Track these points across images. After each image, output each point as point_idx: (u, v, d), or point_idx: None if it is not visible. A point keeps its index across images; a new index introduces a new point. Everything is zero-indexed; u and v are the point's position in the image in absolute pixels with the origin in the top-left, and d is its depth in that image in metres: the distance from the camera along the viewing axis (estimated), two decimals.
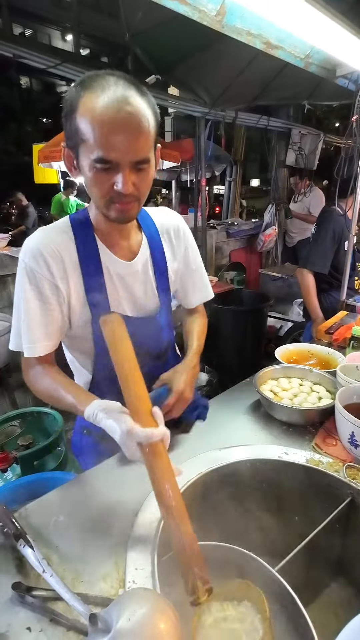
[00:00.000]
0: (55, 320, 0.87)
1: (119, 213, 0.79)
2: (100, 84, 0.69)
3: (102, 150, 0.69)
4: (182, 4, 1.04)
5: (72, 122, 0.72)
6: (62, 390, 0.81)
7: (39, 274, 0.83)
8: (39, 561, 0.61)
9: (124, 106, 0.68)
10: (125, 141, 0.70)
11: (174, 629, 0.47)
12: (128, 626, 0.44)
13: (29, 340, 0.85)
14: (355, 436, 0.88)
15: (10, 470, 1.69)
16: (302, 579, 0.70)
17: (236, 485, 0.87)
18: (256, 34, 1.28)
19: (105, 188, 0.75)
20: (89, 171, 0.74)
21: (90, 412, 0.72)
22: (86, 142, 0.71)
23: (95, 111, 0.68)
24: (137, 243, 0.95)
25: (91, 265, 0.87)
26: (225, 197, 6.14)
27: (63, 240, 0.85)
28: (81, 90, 0.70)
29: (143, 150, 0.73)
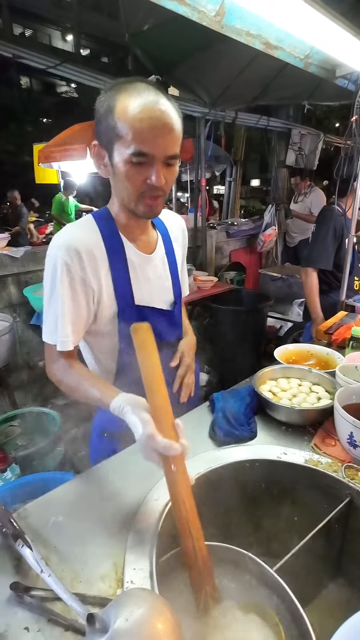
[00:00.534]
0: (82, 316, 0.90)
1: (147, 207, 0.85)
2: (134, 88, 0.78)
3: (139, 144, 0.76)
4: (181, 4, 1.04)
5: (109, 121, 0.78)
6: (87, 383, 0.84)
7: (73, 270, 0.86)
8: (37, 561, 0.61)
9: (158, 106, 0.76)
10: (160, 137, 0.77)
11: (172, 630, 0.47)
12: (126, 626, 0.44)
13: (62, 335, 0.88)
14: (354, 436, 0.88)
15: (10, 470, 1.69)
16: (300, 579, 0.70)
17: (235, 485, 0.87)
18: (255, 35, 1.28)
19: (139, 182, 0.81)
20: (123, 166, 0.80)
21: (116, 405, 0.74)
22: (123, 138, 0.77)
23: (133, 109, 0.76)
24: (154, 239, 1.02)
25: (118, 259, 0.92)
26: (225, 197, 6.15)
27: (92, 237, 0.90)
28: (116, 93, 0.78)
29: (174, 146, 0.80)
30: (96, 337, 0.99)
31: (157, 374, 0.67)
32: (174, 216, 1.12)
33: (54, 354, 0.91)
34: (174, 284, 1.06)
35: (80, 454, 2.56)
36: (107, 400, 0.76)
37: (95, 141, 0.84)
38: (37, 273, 2.94)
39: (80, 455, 2.54)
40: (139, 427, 0.66)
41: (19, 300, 2.85)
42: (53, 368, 0.92)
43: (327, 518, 0.77)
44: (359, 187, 1.98)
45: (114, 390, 0.79)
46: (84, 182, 6.63)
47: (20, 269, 2.82)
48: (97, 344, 1.01)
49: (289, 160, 4.84)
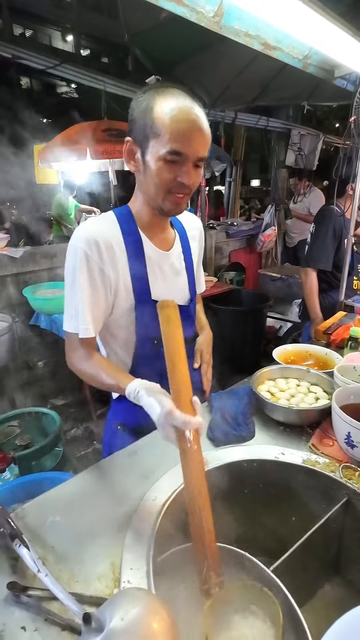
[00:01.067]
0: (101, 305, 0.94)
1: (173, 205, 0.90)
2: (172, 92, 0.83)
3: (175, 143, 0.81)
4: (179, 5, 1.04)
5: (146, 120, 0.83)
6: (104, 371, 0.88)
7: (91, 260, 0.89)
8: (34, 561, 0.61)
9: (194, 111, 0.82)
10: (194, 139, 0.83)
11: (168, 629, 0.47)
12: (121, 625, 0.44)
13: (83, 322, 0.91)
14: (352, 436, 0.88)
15: (9, 470, 1.69)
16: (297, 579, 0.70)
17: (232, 485, 0.87)
18: (254, 35, 1.29)
19: (169, 179, 0.85)
20: (155, 163, 0.84)
21: (132, 389, 0.77)
22: (160, 137, 0.82)
23: (172, 111, 0.81)
24: (172, 237, 1.06)
25: (136, 254, 0.95)
26: (225, 197, 6.14)
27: (112, 230, 0.94)
28: (155, 94, 0.83)
29: (205, 149, 0.86)
30: (112, 330, 1.01)
31: (180, 349, 0.70)
32: (191, 216, 1.16)
33: (74, 343, 0.94)
34: (189, 281, 1.09)
35: (78, 454, 2.57)
36: (124, 385, 0.80)
37: (128, 137, 0.89)
38: (37, 273, 2.94)
39: (79, 456, 2.54)
40: (157, 406, 0.69)
41: (18, 301, 2.85)
42: (73, 357, 0.95)
43: (324, 518, 0.77)
44: (358, 188, 1.98)
45: (129, 377, 0.83)
46: (84, 182, 6.64)
47: (19, 269, 2.83)
48: (113, 337, 1.03)
49: (289, 160, 4.84)
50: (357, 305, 2.08)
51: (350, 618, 0.38)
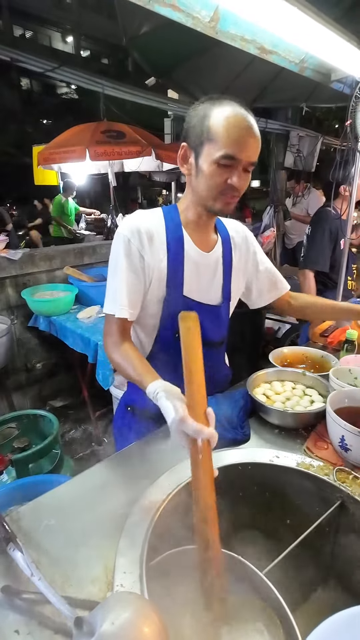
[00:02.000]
0: (139, 290, 0.99)
1: (223, 205, 0.95)
2: (227, 102, 0.89)
3: (229, 148, 0.87)
4: (175, 11, 1.05)
5: (203, 125, 0.89)
6: (131, 364, 0.92)
7: (133, 246, 0.96)
8: (27, 565, 0.62)
9: (248, 119, 0.88)
10: (247, 145, 0.88)
11: (158, 633, 0.47)
12: (112, 629, 0.45)
13: (120, 303, 0.97)
14: (346, 440, 0.88)
15: (6, 472, 1.70)
16: (290, 582, 0.71)
17: (227, 488, 0.88)
18: (250, 40, 1.29)
19: (221, 181, 0.91)
20: (209, 166, 0.90)
21: (152, 389, 0.79)
22: (215, 142, 0.88)
23: (228, 118, 0.87)
24: (214, 241, 1.09)
25: (176, 249, 1.00)
26: None
27: (156, 223, 1.00)
28: (212, 104, 0.90)
29: (256, 155, 0.91)
30: (141, 316, 1.05)
31: (198, 361, 0.71)
32: (237, 224, 1.19)
33: (111, 327, 0.99)
34: (224, 284, 1.12)
35: (76, 457, 2.57)
36: (145, 384, 0.82)
37: (184, 143, 0.95)
38: (35, 275, 2.95)
39: (77, 458, 2.54)
40: (172, 411, 0.71)
41: (17, 303, 2.86)
42: (107, 342, 1.00)
43: (317, 521, 0.77)
44: (354, 190, 1.99)
45: (153, 375, 0.85)
46: (84, 183, 6.65)
47: (18, 271, 2.83)
48: (141, 321, 1.07)
49: (288, 162, 4.85)
50: None
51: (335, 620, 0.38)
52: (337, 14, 1.71)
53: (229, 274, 1.12)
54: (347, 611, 0.40)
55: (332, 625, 0.38)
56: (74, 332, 2.41)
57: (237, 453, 0.94)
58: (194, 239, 1.04)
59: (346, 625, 0.38)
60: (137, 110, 4.36)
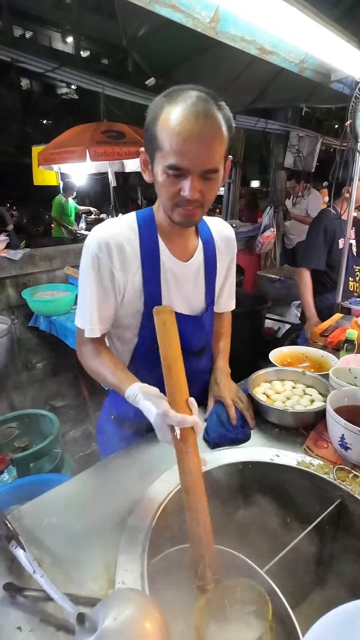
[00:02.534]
0: (109, 306, 0.95)
1: (182, 217, 0.86)
2: (183, 97, 0.77)
3: (174, 157, 0.77)
4: (175, 11, 1.05)
5: (152, 130, 0.79)
6: (108, 370, 0.90)
7: (102, 262, 0.90)
8: (30, 562, 0.62)
9: (200, 119, 0.75)
10: (196, 151, 0.76)
11: (160, 629, 0.48)
12: (114, 626, 0.45)
13: (90, 322, 0.94)
14: (346, 439, 0.89)
15: (7, 472, 1.70)
16: (290, 581, 0.71)
17: (227, 487, 0.88)
18: (250, 40, 1.29)
19: (173, 192, 0.82)
20: (160, 175, 0.81)
21: (130, 392, 0.79)
22: (162, 150, 0.78)
23: (173, 122, 0.75)
24: (194, 246, 1.02)
25: (151, 260, 0.94)
26: (224, 198, 6.16)
27: (127, 234, 0.92)
28: (164, 102, 0.78)
29: (212, 160, 0.79)
30: (116, 327, 1.02)
31: (176, 352, 0.71)
32: (223, 226, 1.11)
33: (83, 338, 0.96)
34: (207, 291, 1.05)
35: (77, 456, 2.57)
36: (123, 388, 0.81)
37: (142, 148, 0.87)
38: (35, 275, 2.95)
39: (78, 457, 2.55)
40: (153, 407, 0.71)
41: (18, 303, 2.86)
42: (81, 351, 0.98)
43: (317, 519, 0.78)
44: (354, 190, 1.99)
45: (130, 379, 0.84)
46: (84, 183, 6.66)
47: (18, 271, 2.83)
48: (116, 333, 1.04)
49: (287, 162, 4.85)
50: (353, 308, 2.09)
51: (333, 615, 0.39)
52: (337, 14, 1.71)
53: (212, 277, 1.06)
54: (346, 606, 0.40)
55: (330, 620, 0.39)
56: (74, 332, 2.38)
57: (237, 452, 0.94)
58: (172, 248, 0.96)
59: (345, 620, 0.38)
60: (137, 111, 4.36)
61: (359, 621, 0.37)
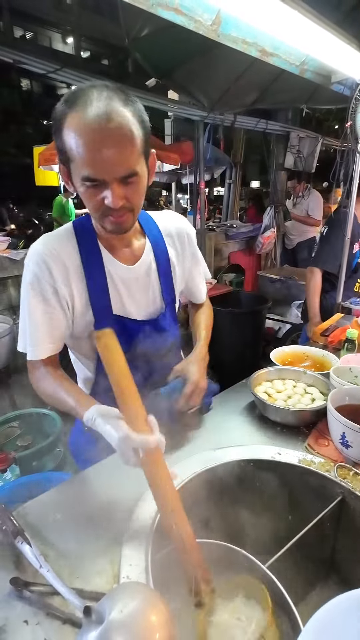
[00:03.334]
0: (59, 324, 0.89)
1: (113, 225, 0.81)
2: (83, 100, 0.70)
3: (87, 169, 0.71)
4: (178, 14, 1.06)
5: (61, 140, 0.73)
6: (63, 393, 0.84)
7: (42, 279, 0.85)
8: (36, 557, 0.63)
9: (105, 123, 0.68)
10: (109, 159, 0.70)
11: (165, 622, 0.49)
12: (120, 617, 0.46)
13: (32, 344, 0.88)
14: (346, 437, 0.90)
15: (10, 470, 1.71)
16: (292, 577, 0.72)
17: (230, 484, 0.89)
18: (251, 42, 1.31)
19: (97, 203, 0.77)
20: (80, 187, 0.76)
21: (89, 417, 0.74)
22: (74, 161, 0.73)
23: (78, 131, 0.69)
24: (140, 247, 0.97)
25: (94, 269, 0.89)
26: (225, 199, 6.18)
27: (65, 246, 0.87)
28: (66, 107, 0.71)
29: (129, 164, 0.73)
30: (76, 341, 0.99)
31: (124, 373, 0.67)
32: (173, 218, 1.06)
33: (34, 361, 0.90)
34: (163, 291, 1.01)
35: None
36: (81, 411, 0.76)
37: (57, 158, 0.80)
38: None
39: None
40: (113, 433, 0.67)
41: (19, 303, 2.87)
42: (34, 375, 0.91)
43: (318, 516, 0.79)
44: (354, 190, 2.00)
45: (88, 401, 0.78)
46: None
47: (20, 271, 2.83)
48: (77, 347, 1.01)
49: (288, 163, 4.86)
50: (354, 308, 2.10)
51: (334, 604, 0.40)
52: (338, 17, 1.73)
53: (167, 276, 1.01)
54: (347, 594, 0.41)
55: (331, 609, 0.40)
56: None
57: (239, 450, 0.95)
58: (115, 253, 0.92)
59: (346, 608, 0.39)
60: None
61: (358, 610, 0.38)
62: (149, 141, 0.78)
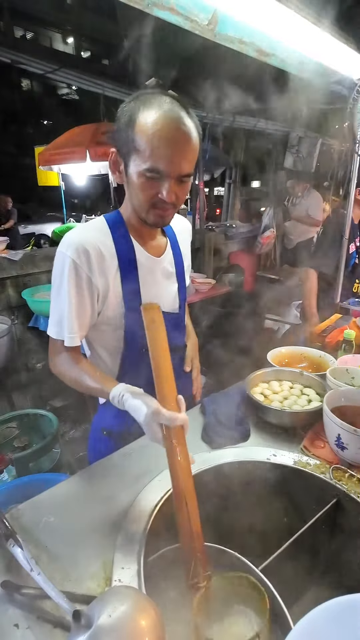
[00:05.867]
0: (87, 313, 0.93)
1: (157, 218, 0.88)
2: (158, 102, 0.79)
3: (154, 161, 0.79)
4: (173, 14, 1.06)
5: (129, 133, 0.80)
6: (88, 375, 0.88)
7: (80, 268, 0.88)
8: (27, 560, 0.63)
9: (178, 125, 0.78)
10: (176, 156, 0.79)
11: (155, 626, 0.48)
12: (109, 622, 0.46)
13: (69, 331, 0.91)
14: (342, 438, 0.89)
15: (6, 471, 1.71)
16: (286, 579, 0.72)
17: (225, 486, 0.89)
18: (248, 42, 1.30)
19: (150, 195, 0.84)
20: (137, 178, 0.83)
21: (116, 393, 0.77)
22: (140, 153, 0.79)
23: (153, 126, 0.77)
24: (163, 243, 1.04)
25: (128, 260, 0.94)
26: (224, 199, 6.18)
27: (102, 237, 0.92)
28: (140, 104, 0.79)
29: (189, 166, 0.83)
30: (100, 335, 1.00)
31: (164, 350, 0.71)
32: (180, 219, 1.13)
33: (57, 347, 0.94)
34: (180, 287, 1.08)
35: (76, 456, 2.58)
36: (107, 389, 0.80)
37: (113, 148, 0.87)
38: (36, 276, 2.96)
39: (77, 457, 2.55)
40: (143, 406, 0.70)
41: (18, 303, 2.87)
42: (56, 361, 0.95)
43: (314, 518, 0.78)
44: (352, 191, 2.00)
45: (113, 381, 0.83)
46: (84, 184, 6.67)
47: (19, 272, 2.85)
48: (100, 343, 1.02)
49: (287, 163, 4.86)
50: (352, 308, 2.10)
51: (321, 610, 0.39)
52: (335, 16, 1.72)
53: (182, 274, 1.08)
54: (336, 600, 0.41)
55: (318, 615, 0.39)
56: None
57: (234, 451, 0.95)
58: (145, 246, 0.98)
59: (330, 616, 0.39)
60: None
61: (346, 615, 0.38)
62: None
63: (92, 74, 2.99)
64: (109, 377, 0.87)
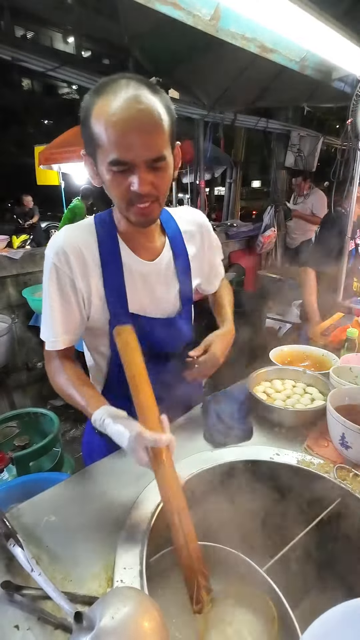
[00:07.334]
0: (74, 316, 0.89)
1: (139, 216, 0.80)
2: (112, 88, 0.71)
3: (115, 151, 0.71)
4: (176, 9, 1.05)
5: (88, 129, 0.74)
6: (75, 390, 0.84)
7: (60, 271, 0.85)
8: (27, 560, 0.62)
9: (134, 105, 0.69)
10: (137, 140, 0.71)
11: (158, 628, 0.47)
12: (111, 624, 0.45)
13: (51, 334, 0.89)
14: (346, 437, 0.88)
15: (7, 470, 1.70)
16: (291, 580, 0.71)
17: (227, 485, 0.88)
18: (251, 38, 1.29)
19: (123, 190, 0.76)
20: (106, 175, 0.76)
21: (97, 417, 0.74)
22: (102, 147, 0.73)
23: (107, 114, 0.70)
24: (160, 244, 0.96)
25: (112, 264, 0.88)
26: (225, 198, 6.16)
27: (86, 239, 0.87)
28: (94, 96, 0.73)
29: (157, 147, 0.73)
30: (94, 339, 0.98)
31: (141, 372, 0.69)
32: (190, 212, 1.05)
33: (51, 353, 0.91)
34: (182, 289, 1.00)
35: (77, 455, 2.57)
36: (90, 410, 0.77)
37: (83, 150, 0.80)
38: (36, 274, 2.95)
39: (78, 456, 2.54)
40: (125, 432, 0.68)
41: (18, 302, 2.86)
42: (50, 367, 0.93)
43: (317, 518, 0.77)
44: (355, 190, 1.99)
45: (98, 401, 0.79)
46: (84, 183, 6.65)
47: (19, 270, 2.84)
48: (93, 343, 1.00)
49: (288, 162, 4.85)
50: (355, 307, 2.08)
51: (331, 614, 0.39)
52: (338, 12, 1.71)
53: (186, 274, 1.00)
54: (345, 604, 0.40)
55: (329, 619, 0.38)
56: None
57: (237, 450, 0.94)
58: (136, 249, 0.91)
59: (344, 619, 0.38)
60: None
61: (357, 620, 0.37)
62: (174, 131, 0.78)
63: (92, 73, 2.98)
64: (95, 395, 0.83)
